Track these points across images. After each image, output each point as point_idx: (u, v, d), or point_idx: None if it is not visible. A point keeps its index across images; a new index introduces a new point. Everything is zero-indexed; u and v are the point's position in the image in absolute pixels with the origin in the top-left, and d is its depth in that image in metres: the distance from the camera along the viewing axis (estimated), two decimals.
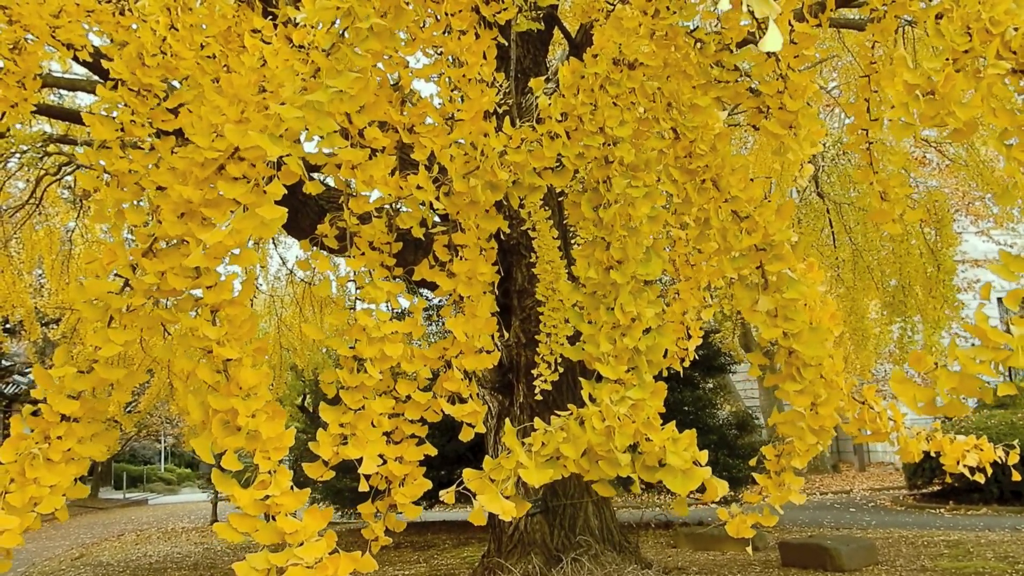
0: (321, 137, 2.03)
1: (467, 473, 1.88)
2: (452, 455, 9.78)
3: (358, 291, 2.45)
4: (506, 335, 7.43)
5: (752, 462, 2.62)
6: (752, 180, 2.44)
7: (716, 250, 2.45)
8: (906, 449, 2.61)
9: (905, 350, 11.04)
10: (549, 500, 7.35)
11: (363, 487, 2.24)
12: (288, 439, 1.95)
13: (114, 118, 2.53)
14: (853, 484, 18.30)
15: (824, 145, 11.14)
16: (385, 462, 2.21)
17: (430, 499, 12.23)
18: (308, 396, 17.16)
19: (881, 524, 11.42)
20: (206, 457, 1.92)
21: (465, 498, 1.98)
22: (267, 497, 1.88)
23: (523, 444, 1.91)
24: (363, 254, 2.54)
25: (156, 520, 21.07)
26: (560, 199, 6.76)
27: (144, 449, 40.16)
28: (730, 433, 12.73)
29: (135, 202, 2.43)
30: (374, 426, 2.19)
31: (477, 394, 8.00)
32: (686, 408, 11.91)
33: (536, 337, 4.87)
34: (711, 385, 13.93)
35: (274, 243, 13.52)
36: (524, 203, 4.98)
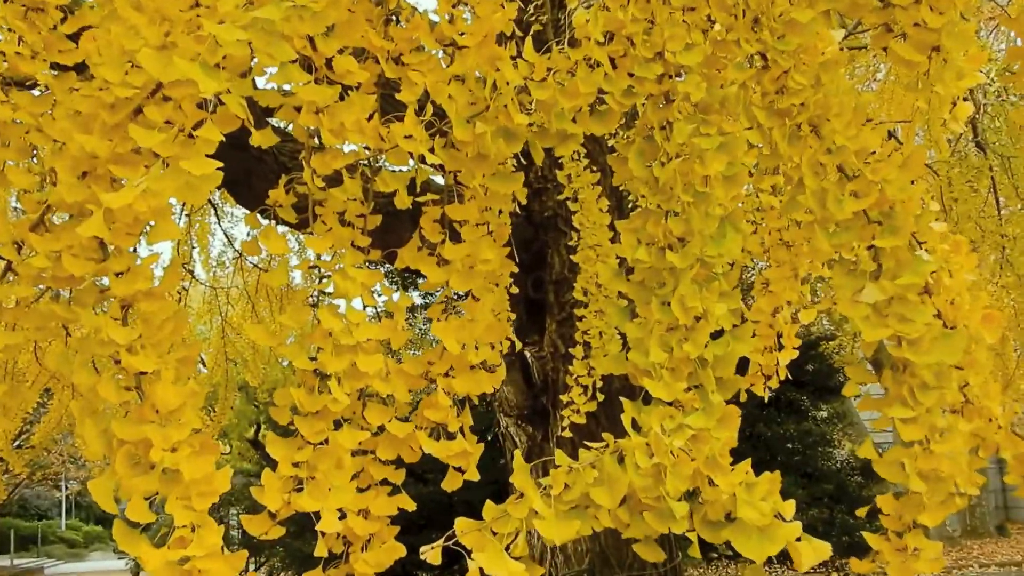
0: (274, 69, 2.05)
1: (460, 523, 1.88)
2: (462, 506, 9.82)
3: (323, 282, 2.47)
4: (527, 340, 7.43)
5: (862, 512, 2.55)
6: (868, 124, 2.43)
7: (810, 221, 2.43)
8: None
9: None
10: (598, 570, 7.37)
11: (319, 551, 2.23)
12: (221, 482, 1.94)
13: None
14: None
15: (987, 76, 11.00)
16: (344, 516, 2.20)
17: (450, 567, 12.28)
18: (263, 426, 17.30)
19: None
20: (106, 504, 1.92)
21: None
22: (186, 560, 1.89)
23: (540, 486, 1.93)
24: (330, 230, 2.55)
25: None
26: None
27: (39, 499, 40.65)
28: (852, 481, 12.68)
29: (23, 161, 2.46)
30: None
31: (502, 426, 7.91)
32: (789, 446, 11.89)
33: (571, 350, 4.83)
34: (824, 414, 13.87)
35: (217, 215, 13.49)
36: (560, 160, 4.98)
